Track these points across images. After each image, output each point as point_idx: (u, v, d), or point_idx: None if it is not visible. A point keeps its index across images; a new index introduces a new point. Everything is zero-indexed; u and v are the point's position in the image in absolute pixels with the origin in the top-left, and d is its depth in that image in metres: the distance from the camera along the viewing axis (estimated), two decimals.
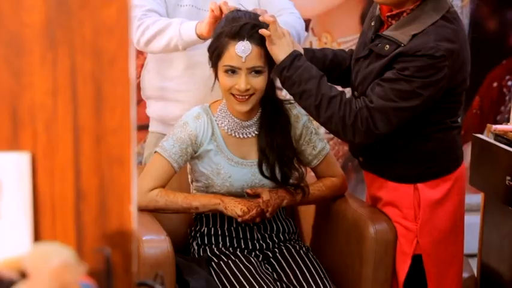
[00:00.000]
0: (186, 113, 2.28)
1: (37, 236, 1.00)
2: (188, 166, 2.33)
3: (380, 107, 2.08)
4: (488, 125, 2.61)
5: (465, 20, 3.59)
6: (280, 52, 2.13)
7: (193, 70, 2.52)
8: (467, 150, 2.84)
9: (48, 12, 0.96)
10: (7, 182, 0.97)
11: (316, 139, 2.34)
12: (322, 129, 2.63)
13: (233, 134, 2.27)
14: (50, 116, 1.00)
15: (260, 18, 2.14)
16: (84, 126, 1.03)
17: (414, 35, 2.08)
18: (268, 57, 2.17)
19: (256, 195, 2.24)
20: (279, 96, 2.38)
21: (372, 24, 2.24)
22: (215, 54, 2.18)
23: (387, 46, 2.11)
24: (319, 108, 2.12)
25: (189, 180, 2.36)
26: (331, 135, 3.58)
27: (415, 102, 2.08)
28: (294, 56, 2.13)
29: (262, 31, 2.12)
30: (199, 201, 2.24)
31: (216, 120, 2.27)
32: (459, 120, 2.31)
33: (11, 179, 0.97)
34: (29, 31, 0.97)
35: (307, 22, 3.61)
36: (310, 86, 2.12)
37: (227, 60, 2.15)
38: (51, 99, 1.00)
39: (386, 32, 2.15)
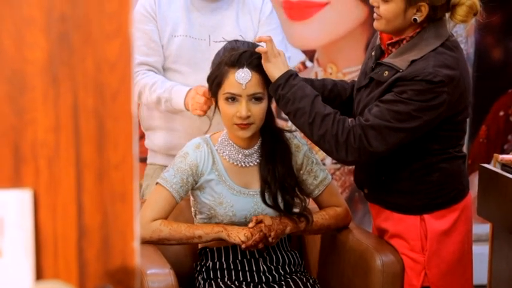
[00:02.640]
0: (187, 144, 2.29)
1: (39, 274, 0.99)
2: (191, 198, 2.33)
3: (374, 125, 2.08)
4: (495, 154, 2.60)
5: (470, 49, 3.60)
6: (275, 70, 2.15)
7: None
8: (474, 180, 2.83)
9: (50, 49, 0.96)
10: (9, 220, 0.96)
11: (318, 169, 2.34)
12: (329, 160, 2.63)
13: (235, 163, 2.27)
14: (53, 152, 1.00)
15: (256, 38, 2.16)
16: (86, 162, 1.02)
17: (413, 61, 2.09)
18: (267, 84, 2.19)
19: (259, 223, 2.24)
20: (282, 126, 2.39)
21: (373, 53, 2.25)
22: (215, 83, 2.20)
23: (386, 72, 2.12)
24: (313, 126, 2.12)
25: (193, 213, 2.36)
26: (338, 166, 3.57)
27: (411, 124, 2.08)
28: (289, 75, 2.15)
29: (259, 49, 2.15)
30: (202, 229, 2.23)
31: (217, 150, 2.27)
32: (464, 149, 2.31)
33: (13, 217, 0.96)
34: (31, 68, 0.97)
35: (312, 53, 3.63)
36: (304, 104, 2.13)
37: (227, 87, 2.17)
38: (54, 135, 1.00)
39: (386, 60, 2.16)
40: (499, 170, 2.50)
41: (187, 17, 2.56)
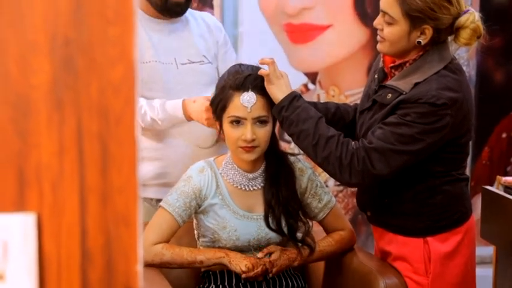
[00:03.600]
0: (191, 167, 2.30)
1: None
2: (194, 221, 2.33)
3: (378, 148, 2.08)
4: (498, 177, 2.60)
5: (472, 71, 3.61)
6: (278, 92, 2.16)
7: (179, 128, 2.53)
8: (477, 202, 2.82)
9: (54, 73, 0.97)
10: (12, 244, 0.96)
11: (322, 192, 2.34)
12: (331, 182, 2.63)
13: (239, 187, 2.27)
14: (56, 175, 1.00)
15: (259, 61, 2.17)
16: (90, 185, 1.02)
17: (416, 84, 2.09)
18: (272, 107, 2.19)
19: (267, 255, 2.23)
20: (285, 149, 2.39)
21: (376, 76, 2.26)
22: (220, 106, 2.21)
23: (389, 95, 2.12)
24: (317, 148, 2.12)
25: (196, 236, 2.36)
26: (341, 188, 3.57)
27: (415, 147, 2.08)
28: (293, 97, 2.15)
29: (261, 71, 2.16)
30: (204, 255, 2.23)
31: (221, 174, 2.27)
32: (467, 171, 2.30)
33: (16, 240, 0.97)
34: (36, 92, 0.97)
35: (314, 75, 3.64)
36: (307, 126, 2.13)
37: (232, 111, 2.18)
38: (58, 159, 1.00)
39: (389, 82, 2.17)
40: (502, 192, 2.50)
41: (150, 42, 2.53)
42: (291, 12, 3.69)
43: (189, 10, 2.65)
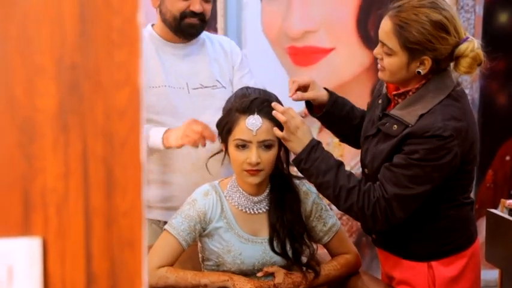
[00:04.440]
0: (196, 190, 2.29)
1: None
2: (199, 245, 2.32)
3: (396, 196, 2.07)
4: (502, 200, 2.60)
5: (475, 94, 3.62)
6: (296, 146, 2.15)
7: (182, 149, 2.53)
8: (481, 224, 2.81)
9: (60, 97, 0.97)
10: (18, 268, 0.96)
11: (327, 215, 2.33)
12: None
13: (244, 210, 2.27)
14: (62, 199, 1.00)
15: (273, 113, 2.15)
16: (95, 209, 1.02)
17: (421, 115, 2.08)
18: (277, 131, 2.19)
19: (270, 275, 2.22)
20: (290, 172, 2.39)
21: (379, 102, 2.25)
22: (225, 129, 2.20)
23: (395, 126, 2.11)
24: (338, 199, 2.12)
25: (200, 259, 2.35)
26: None
27: (430, 185, 2.08)
28: (310, 148, 2.14)
29: (276, 132, 2.14)
30: (208, 278, 2.22)
31: (226, 197, 2.27)
32: (471, 195, 2.30)
33: (21, 265, 0.96)
34: (42, 116, 0.98)
35: None
36: (328, 178, 2.12)
37: (238, 134, 2.17)
38: (63, 182, 1.00)
39: (394, 112, 2.15)
40: (506, 216, 2.49)
41: (162, 66, 2.54)
42: (294, 36, 3.71)
43: (207, 33, 2.66)
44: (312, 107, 2.38)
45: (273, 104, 2.17)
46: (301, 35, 3.71)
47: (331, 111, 2.33)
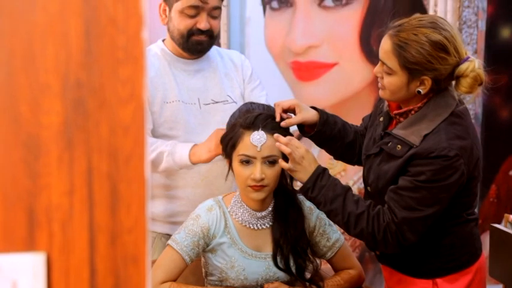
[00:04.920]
0: (199, 206, 2.29)
1: None
2: (202, 260, 2.32)
3: (406, 220, 2.06)
4: (506, 214, 2.59)
5: (478, 109, 3.62)
6: (303, 175, 2.15)
7: (190, 166, 2.53)
8: (485, 239, 2.81)
9: (65, 114, 0.98)
10: (22, 283, 0.97)
11: (330, 231, 2.33)
12: None
13: (247, 225, 2.27)
14: (66, 215, 1.01)
15: (276, 145, 2.15)
16: (99, 225, 1.03)
17: (425, 135, 2.07)
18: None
19: None
20: (294, 187, 2.39)
21: (381, 120, 2.24)
22: (230, 144, 2.20)
23: (399, 146, 2.10)
24: (348, 225, 2.12)
25: (203, 274, 2.35)
26: None
27: (439, 206, 2.07)
28: (316, 176, 2.13)
29: (282, 164, 2.14)
30: None
31: (229, 212, 2.27)
32: (476, 211, 2.28)
33: (26, 280, 0.97)
34: (47, 132, 0.98)
35: None
36: (336, 206, 2.12)
37: (242, 149, 2.17)
38: (68, 199, 1.01)
39: (396, 131, 2.14)
40: (510, 230, 2.48)
41: (175, 82, 2.55)
42: (297, 51, 3.72)
43: (217, 48, 2.67)
44: (303, 127, 2.38)
45: (275, 135, 2.16)
46: (304, 50, 3.72)
47: (323, 130, 2.32)
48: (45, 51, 0.95)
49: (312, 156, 2.18)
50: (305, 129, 2.38)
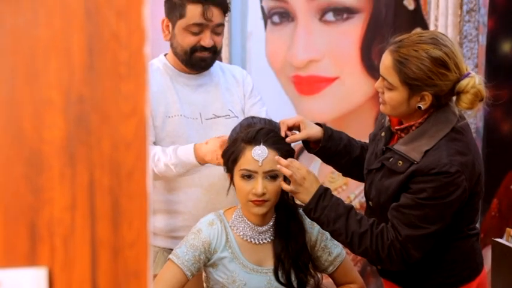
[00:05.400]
0: (200, 220, 2.29)
1: None
2: (203, 274, 2.32)
3: (410, 237, 2.06)
4: (508, 229, 2.58)
5: (479, 123, 3.62)
6: (305, 196, 2.15)
7: (191, 181, 2.53)
8: (487, 254, 2.80)
9: (68, 129, 0.98)
10: None
11: (332, 245, 2.33)
12: None
13: (248, 240, 2.26)
14: (68, 230, 1.01)
15: (277, 167, 2.15)
16: (101, 240, 1.03)
17: (426, 151, 2.07)
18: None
19: None
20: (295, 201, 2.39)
21: (382, 135, 2.24)
22: (231, 159, 2.20)
23: (400, 162, 2.10)
24: (352, 244, 2.12)
25: None
26: None
27: (442, 223, 2.07)
28: (318, 196, 2.13)
29: (284, 186, 2.14)
30: None
31: (231, 226, 2.27)
32: (477, 225, 2.28)
33: None
34: (49, 148, 0.98)
35: None
36: (338, 225, 2.12)
37: (243, 164, 2.17)
38: (69, 214, 1.01)
39: (397, 147, 2.13)
40: (511, 245, 2.48)
41: (177, 96, 2.55)
42: (298, 65, 3.73)
43: (219, 63, 2.68)
44: (309, 143, 2.38)
45: (276, 158, 2.16)
46: (305, 64, 3.73)
47: (328, 146, 2.32)
48: (48, 66, 0.96)
49: (313, 176, 2.18)
50: (310, 146, 2.38)
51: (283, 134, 2.24)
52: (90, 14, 0.96)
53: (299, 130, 2.31)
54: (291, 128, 2.29)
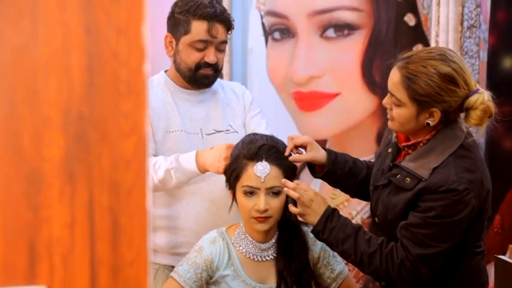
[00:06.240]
0: (202, 237, 2.28)
1: None
2: None
3: (420, 256, 2.05)
4: (511, 245, 2.57)
5: (481, 138, 3.61)
6: (313, 218, 2.15)
7: (193, 197, 2.52)
8: (490, 270, 2.79)
9: (67, 147, 0.98)
10: None
11: (334, 262, 2.32)
12: None
13: (251, 257, 2.25)
14: (67, 249, 1.00)
15: (285, 190, 2.14)
16: (101, 258, 1.02)
17: (434, 168, 2.06)
18: (285, 178, 2.18)
19: None
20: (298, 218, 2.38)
21: (389, 151, 2.22)
22: (233, 176, 2.20)
23: (408, 179, 2.08)
24: (362, 264, 2.11)
25: None
26: None
27: (452, 241, 2.06)
28: (326, 218, 2.13)
29: (292, 209, 2.14)
30: None
31: (233, 244, 2.25)
32: (482, 244, 2.26)
33: None
34: (49, 166, 0.98)
35: (323, 143, 3.65)
36: (347, 246, 2.11)
37: (246, 181, 2.17)
38: (69, 232, 1.00)
39: (405, 164, 2.12)
40: None
41: (178, 112, 2.56)
42: (299, 81, 3.73)
43: (219, 80, 2.69)
44: (314, 167, 2.37)
45: (283, 181, 2.16)
46: (306, 80, 3.73)
47: (333, 170, 2.31)
48: (48, 84, 0.96)
49: (320, 198, 2.17)
50: (316, 170, 2.37)
51: (288, 151, 2.23)
52: (89, 32, 0.96)
53: (305, 150, 2.30)
54: (297, 147, 2.28)
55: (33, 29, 0.94)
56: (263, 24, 3.80)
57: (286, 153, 2.23)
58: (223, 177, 2.29)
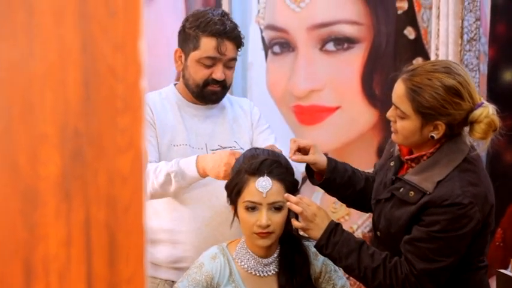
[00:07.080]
0: (203, 253, 2.26)
1: None
2: None
3: (425, 271, 2.04)
4: None
5: (482, 152, 3.61)
6: (316, 233, 2.14)
7: (194, 211, 2.51)
8: (491, 284, 2.77)
9: (63, 164, 0.97)
10: None
11: (336, 276, 2.30)
12: None
13: (253, 272, 2.24)
14: (64, 267, 0.99)
15: (287, 204, 2.14)
16: (97, 276, 1.01)
17: (438, 182, 2.05)
18: (288, 193, 2.17)
19: None
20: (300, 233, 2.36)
21: (391, 164, 2.21)
22: (235, 191, 2.18)
23: (411, 193, 2.07)
24: (365, 279, 2.10)
25: None
26: None
27: (457, 255, 2.04)
28: (329, 232, 2.12)
29: (295, 223, 2.14)
30: None
31: (234, 259, 2.24)
32: (485, 258, 2.24)
33: None
34: (44, 183, 0.97)
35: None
36: (351, 261, 2.10)
37: (247, 196, 2.16)
38: (65, 249, 0.99)
39: (409, 177, 2.11)
40: None
41: (184, 126, 2.56)
42: (299, 94, 3.73)
43: (227, 96, 2.68)
44: (313, 174, 2.37)
45: (286, 195, 2.15)
46: (306, 94, 3.73)
47: (332, 178, 2.31)
48: (44, 100, 0.95)
49: (324, 212, 2.16)
50: (315, 177, 2.37)
51: (292, 152, 2.24)
52: (86, 47, 0.96)
53: (308, 154, 2.30)
54: (300, 150, 2.29)
55: (29, 44, 0.94)
56: (263, 38, 3.80)
57: (290, 155, 2.23)
58: (224, 192, 2.28)
